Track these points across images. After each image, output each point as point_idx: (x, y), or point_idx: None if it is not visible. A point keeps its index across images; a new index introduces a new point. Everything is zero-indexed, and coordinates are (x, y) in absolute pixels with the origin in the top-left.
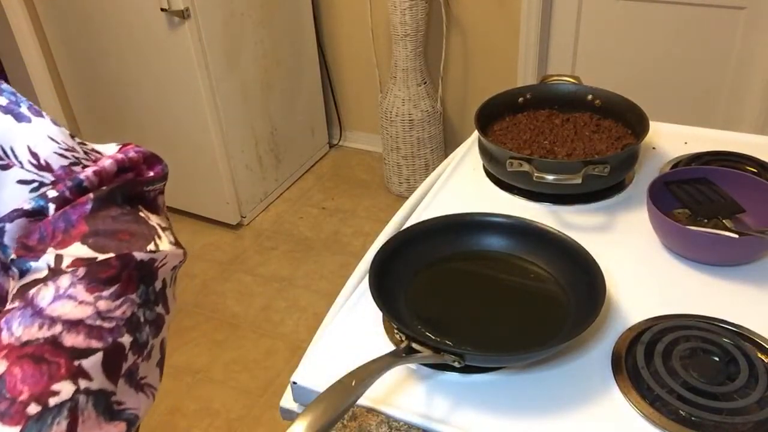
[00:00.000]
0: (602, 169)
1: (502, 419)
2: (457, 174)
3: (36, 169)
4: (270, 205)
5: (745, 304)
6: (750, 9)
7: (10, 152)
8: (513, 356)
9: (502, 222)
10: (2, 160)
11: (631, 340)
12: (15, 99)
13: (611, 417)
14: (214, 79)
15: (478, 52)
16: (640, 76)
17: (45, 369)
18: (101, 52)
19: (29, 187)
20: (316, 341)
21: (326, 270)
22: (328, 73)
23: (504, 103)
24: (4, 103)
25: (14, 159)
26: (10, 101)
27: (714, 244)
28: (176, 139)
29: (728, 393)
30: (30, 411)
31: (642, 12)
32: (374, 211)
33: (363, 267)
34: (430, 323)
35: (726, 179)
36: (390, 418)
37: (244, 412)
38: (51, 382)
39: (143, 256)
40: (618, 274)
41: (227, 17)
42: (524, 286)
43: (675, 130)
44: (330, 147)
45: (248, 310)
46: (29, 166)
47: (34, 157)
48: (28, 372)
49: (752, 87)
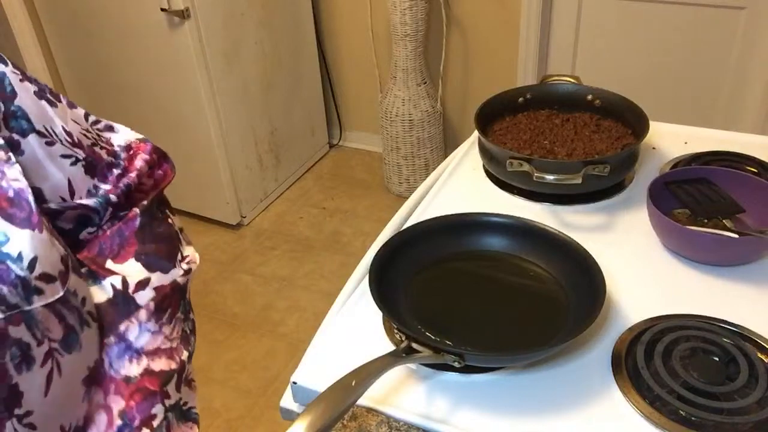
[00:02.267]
0: (602, 169)
1: (502, 419)
2: (457, 174)
3: (71, 146)
4: (270, 205)
5: (745, 304)
6: (750, 9)
7: (52, 131)
8: (513, 356)
9: (502, 222)
10: (48, 137)
11: (631, 340)
12: (41, 85)
13: (611, 417)
14: (214, 79)
15: (478, 52)
16: (640, 76)
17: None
18: (101, 52)
19: (69, 161)
20: (316, 341)
21: (326, 270)
22: (328, 73)
23: (504, 103)
24: (36, 89)
25: (56, 137)
26: (39, 87)
27: (714, 244)
28: (176, 139)
29: (728, 393)
30: None
31: (642, 12)
32: (374, 211)
33: (363, 267)
34: (430, 323)
35: (726, 179)
36: (390, 418)
37: (244, 412)
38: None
39: (183, 280)
40: (618, 274)
41: (227, 17)
42: (524, 286)
43: (675, 130)
44: (330, 147)
45: (248, 310)
46: (66, 143)
47: (69, 135)
48: (140, 403)
49: (752, 87)
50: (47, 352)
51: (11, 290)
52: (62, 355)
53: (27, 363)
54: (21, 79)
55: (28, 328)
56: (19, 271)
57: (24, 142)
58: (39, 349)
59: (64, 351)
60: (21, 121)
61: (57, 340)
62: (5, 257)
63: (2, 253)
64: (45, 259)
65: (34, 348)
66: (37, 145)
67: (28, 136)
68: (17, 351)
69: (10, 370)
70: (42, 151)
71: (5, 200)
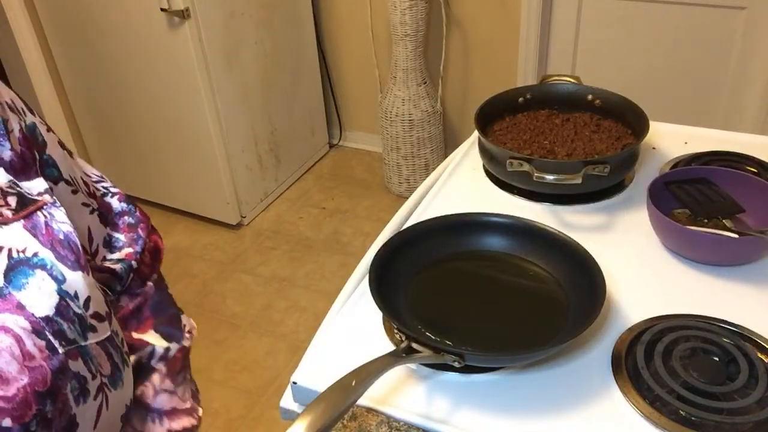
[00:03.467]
0: (602, 169)
1: (502, 419)
2: (457, 174)
3: (87, 195)
4: (270, 205)
5: (745, 304)
6: (750, 9)
7: (74, 180)
8: (513, 356)
9: (502, 222)
10: (73, 186)
11: (631, 340)
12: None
13: (611, 417)
14: (214, 79)
15: (478, 52)
16: (640, 76)
17: None
18: (101, 52)
19: (88, 210)
20: (316, 341)
21: (326, 270)
22: (328, 73)
23: (504, 103)
24: (58, 139)
25: (77, 185)
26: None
27: (714, 244)
28: (176, 139)
29: (728, 393)
30: None
31: (642, 12)
32: (374, 211)
33: (363, 267)
34: (430, 323)
35: (726, 179)
36: (390, 418)
37: (244, 412)
38: None
39: (189, 344)
40: (618, 274)
41: (227, 17)
42: (524, 286)
43: (675, 130)
44: (330, 147)
45: (248, 310)
46: (84, 192)
47: (86, 185)
48: None
49: (752, 87)
50: (99, 386)
51: (70, 326)
52: (110, 390)
53: (84, 395)
54: (47, 129)
55: (85, 362)
56: (77, 308)
57: (56, 189)
58: (93, 382)
59: (111, 387)
60: (52, 169)
61: (107, 376)
62: (65, 295)
63: (63, 291)
64: (95, 300)
65: (89, 381)
66: (65, 193)
67: (58, 184)
68: (76, 384)
69: (70, 401)
70: (69, 198)
71: (58, 243)
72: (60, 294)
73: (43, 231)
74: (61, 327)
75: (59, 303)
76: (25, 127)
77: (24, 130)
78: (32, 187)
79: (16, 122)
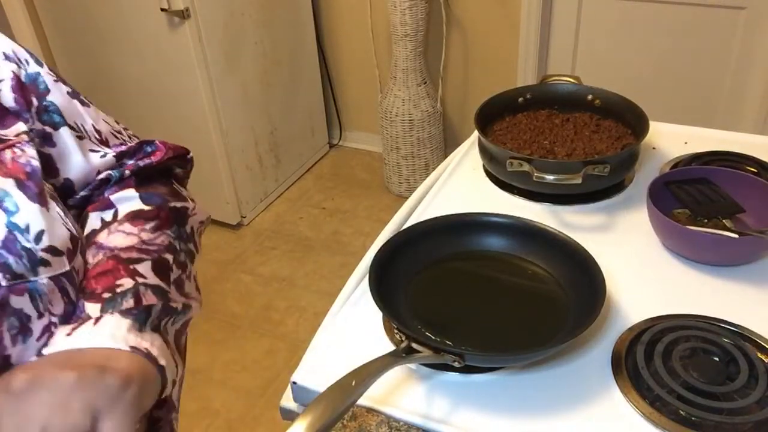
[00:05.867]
0: (602, 169)
1: (502, 419)
2: (457, 174)
3: (98, 143)
4: (270, 205)
5: (745, 304)
6: (750, 9)
7: (82, 128)
8: (513, 356)
9: (502, 222)
10: (79, 132)
11: (631, 340)
12: (73, 90)
13: (611, 417)
14: (214, 79)
15: (478, 52)
16: (640, 76)
17: (110, 274)
18: (101, 52)
19: (99, 155)
20: (316, 341)
21: (326, 270)
22: (328, 73)
23: (504, 103)
24: (70, 90)
25: (85, 132)
26: (72, 89)
27: (714, 244)
28: (176, 139)
29: (728, 393)
30: (104, 296)
31: (642, 12)
32: (374, 211)
33: (363, 267)
34: (430, 323)
35: (726, 179)
36: (390, 418)
37: (244, 412)
38: (116, 280)
39: (177, 203)
40: (618, 274)
41: (227, 17)
42: (524, 286)
43: (675, 130)
44: (330, 147)
45: (248, 310)
46: (94, 139)
47: (98, 133)
48: (101, 279)
49: (752, 87)
50: (45, 326)
51: (17, 260)
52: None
53: (24, 335)
54: (55, 80)
55: (32, 299)
56: (25, 242)
57: (56, 134)
58: (38, 321)
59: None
60: (53, 115)
61: (58, 315)
62: (14, 227)
63: (11, 223)
64: (52, 234)
65: (33, 320)
66: (68, 138)
67: (59, 129)
68: (16, 321)
69: (5, 340)
70: (73, 143)
71: (23, 173)
72: (8, 226)
73: (9, 165)
74: (6, 260)
75: (6, 236)
76: (25, 75)
77: (23, 78)
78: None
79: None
